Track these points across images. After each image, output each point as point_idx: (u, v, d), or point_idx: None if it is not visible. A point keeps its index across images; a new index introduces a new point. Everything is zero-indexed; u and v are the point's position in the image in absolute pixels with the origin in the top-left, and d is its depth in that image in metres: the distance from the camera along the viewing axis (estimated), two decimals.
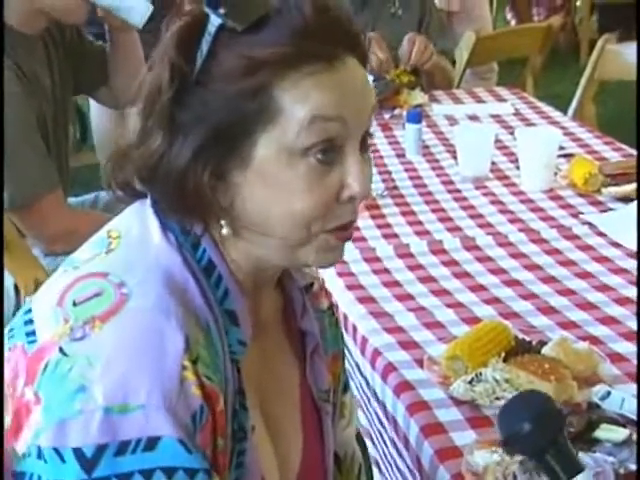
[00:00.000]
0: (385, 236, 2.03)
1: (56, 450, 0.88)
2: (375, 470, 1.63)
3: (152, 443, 0.87)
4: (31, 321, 0.98)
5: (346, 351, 1.65)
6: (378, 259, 1.92)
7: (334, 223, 0.99)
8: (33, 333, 0.96)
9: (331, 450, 1.19)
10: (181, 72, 0.96)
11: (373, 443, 1.68)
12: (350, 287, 1.80)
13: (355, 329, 1.67)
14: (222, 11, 0.95)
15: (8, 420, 0.93)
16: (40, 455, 0.89)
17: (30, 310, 0.99)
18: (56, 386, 0.90)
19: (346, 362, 1.33)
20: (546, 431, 0.97)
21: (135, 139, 0.99)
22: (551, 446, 0.97)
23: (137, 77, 1.00)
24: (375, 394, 1.56)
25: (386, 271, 1.87)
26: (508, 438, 1.00)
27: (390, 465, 1.57)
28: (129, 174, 1.01)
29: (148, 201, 1.02)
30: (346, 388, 1.27)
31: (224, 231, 0.99)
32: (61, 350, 0.92)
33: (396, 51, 3.01)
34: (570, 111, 3.24)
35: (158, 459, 0.87)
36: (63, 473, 0.87)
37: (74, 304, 0.95)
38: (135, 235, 1.01)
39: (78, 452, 0.87)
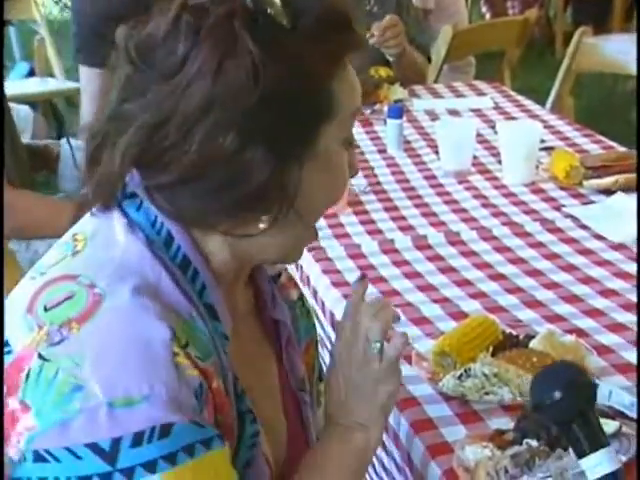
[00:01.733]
0: (369, 232, 2.03)
1: (67, 449, 0.88)
2: None
3: (166, 430, 0.89)
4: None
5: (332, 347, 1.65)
6: (363, 255, 1.92)
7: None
8: (6, 344, 0.95)
9: (313, 439, 1.20)
10: (263, 70, 0.95)
11: None
12: (336, 284, 1.79)
13: (332, 316, 1.67)
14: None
15: None
16: (39, 458, 0.89)
17: None
18: (45, 391, 0.90)
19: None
20: (576, 400, 0.99)
21: (194, 138, 0.95)
22: (579, 416, 0.98)
23: None
24: None
25: (371, 267, 1.87)
26: (538, 405, 1.01)
27: (380, 459, 1.57)
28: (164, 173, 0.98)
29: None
30: (321, 377, 1.28)
31: (261, 225, 1.00)
32: (40, 356, 0.92)
33: (371, 50, 2.99)
34: (548, 104, 3.26)
35: (176, 443, 0.89)
36: (83, 468, 0.88)
37: (45, 309, 0.95)
38: (101, 235, 1.01)
39: (94, 447, 0.88)
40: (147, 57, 0.97)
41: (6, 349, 0.95)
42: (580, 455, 0.98)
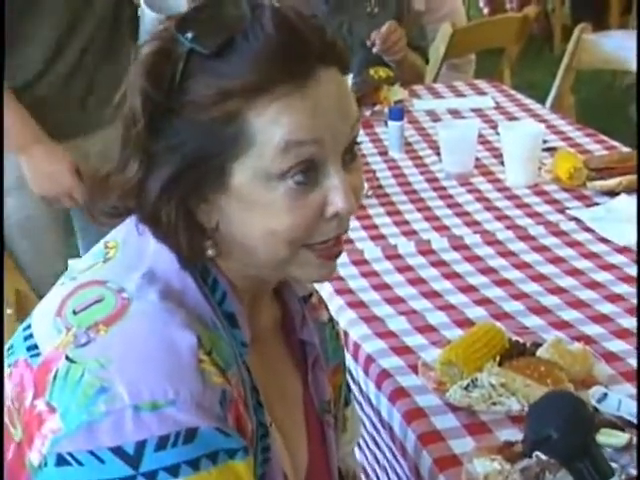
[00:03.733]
0: (372, 238, 2.01)
1: (91, 452, 0.87)
2: (362, 476, 1.62)
3: (191, 435, 0.88)
4: (31, 335, 0.98)
5: None
6: (366, 262, 1.90)
7: (318, 239, 0.98)
8: (35, 347, 0.96)
9: (335, 462, 1.18)
10: (152, 100, 0.94)
11: (360, 448, 1.67)
12: (339, 292, 1.78)
13: (346, 335, 1.65)
14: (190, 35, 0.94)
15: (19, 433, 0.93)
16: (62, 462, 0.88)
17: (29, 326, 1.00)
18: (71, 392, 0.90)
19: None
20: (574, 438, 0.95)
21: (115, 167, 0.98)
22: (579, 453, 0.95)
23: None
24: (369, 400, 1.55)
25: (375, 274, 1.85)
26: (535, 444, 0.98)
27: (385, 470, 1.56)
28: (112, 201, 1.01)
29: None
30: (347, 402, 1.27)
31: (210, 252, 0.99)
32: (67, 358, 0.92)
33: (371, 50, 2.98)
34: (549, 102, 3.24)
35: (200, 448, 0.88)
36: (107, 472, 0.87)
37: (74, 313, 0.96)
38: (132, 244, 1.01)
39: (118, 450, 0.87)
40: None
41: (34, 352, 0.96)
42: None
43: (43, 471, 0.90)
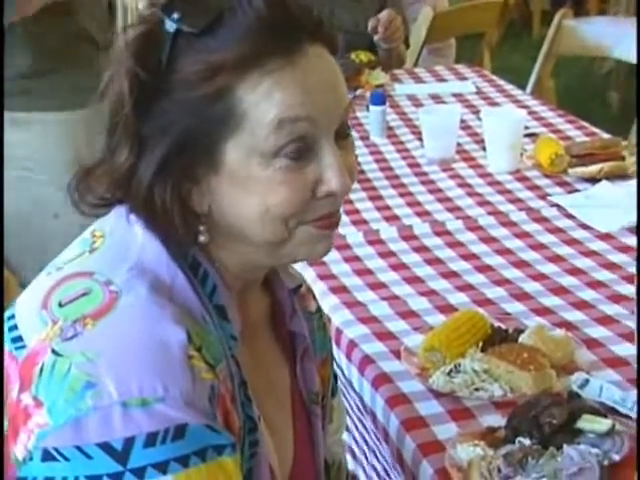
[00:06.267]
0: (354, 222, 2.01)
1: (78, 448, 0.86)
2: (348, 457, 1.62)
3: (180, 432, 0.87)
4: (15, 327, 0.96)
5: None
6: (348, 246, 1.90)
7: (311, 216, 0.98)
8: (20, 339, 0.94)
9: (321, 454, 1.18)
10: (140, 82, 0.93)
11: (348, 430, 1.67)
12: (322, 277, 1.78)
13: (329, 320, 1.64)
14: (176, 16, 0.93)
15: (5, 427, 0.92)
16: (48, 457, 0.87)
17: (13, 316, 0.98)
18: (58, 387, 0.88)
19: None
20: None
21: (101, 156, 0.97)
22: None
23: None
24: (352, 385, 1.55)
25: (357, 259, 1.85)
26: None
27: (373, 452, 1.56)
28: (100, 192, 0.99)
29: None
30: (334, 392, 1.26)
31: (202, 238, 0.97)
32: (54, 351, 0.90)
33: (353, 35, 2.97)
34: (529, 87, 3.25)
35: (189, 445, 0.87)
36: (94, 468, 0.86)
37: (60, 305, 0.94)
38: (119, 234, 0.99)
39: (105, 446, 0.86)
40: None
41: (20, 344, 0.94)
42: None
43: (28, 465, 0.89)
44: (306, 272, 1.79)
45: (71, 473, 0.87)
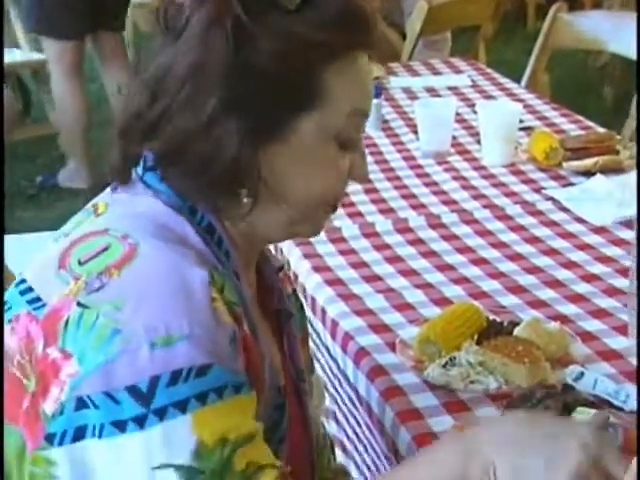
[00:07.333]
0: (350, 215, 2.01)
1: (107, 394, 0.88)
2: (339, 451, 1.63)
3: (204, 370, 0.89)
4: (30, 289, 0.98)
5: (315, 334, 1.64)
6: (344, 239, 1.90)
7: (333, 201, 1.08)
8: (37, 299, 0.96)
9: (313, 430, 1.20)
10: (238, 33, 0.96)
11: (338, 423, 1.68)
12: (317, 269, 1.78)
13: (324, 312, 1.65)
14: None
15: (32, 385, 0.93)
16: (82, 405, 0.89)
17: (24, 280, 1.00)
18: (86, 337, 0.90)
19: (315, 344, 1.33)
20: None
21: (172, 110, 0.98)
22: None
23: None
24: (346, 377, 1.55)
25: (353, 252, 1.85)
26: None
27: (365, 446, 1.57)
28: (145, 147, 1.01)
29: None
30: (312, 370, 1.29)
31: (245, 200, 1.01)
32: (79, 304, 0.92)
33: None
34: (523, 81, 3.25)
35: (210, 382, 0.90)
36: (120, 413, 0.88)
37: (80, 263, 0.96)
38: (122, 201, 1.02)
39: (133, 389, 0.88)
40: (170, 23, 1.00)
41: (37, 304, 0.96)
42: None
43: (57, 420, 0.90)
44: (301, 265, 1.80)
45: (99, 420, 0.88)
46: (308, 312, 1.71)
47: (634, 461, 0.95)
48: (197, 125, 0.97)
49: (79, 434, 0.89)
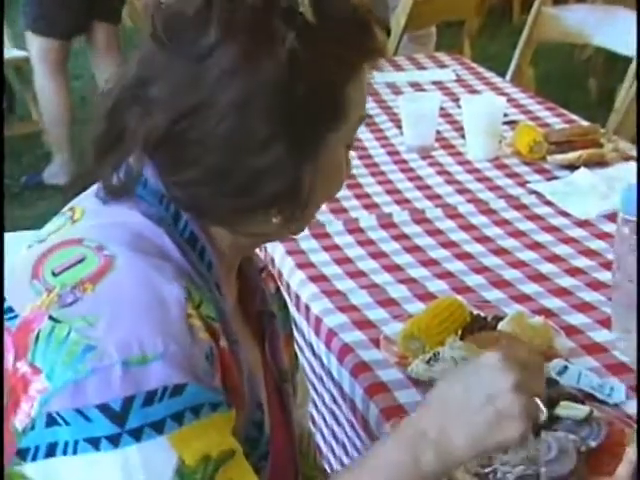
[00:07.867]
0: (333, 211, 2.00)
1: (77, 410, 0.86)
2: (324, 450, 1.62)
3: (179, 389, 0.88)
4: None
5: (298, 331, 1.64)
6: (328, 235, 1.90)
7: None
8: (10, 310, 0.94)
9: (295, 430, 1.19)
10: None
11: (326, 424, 1.67)
12: (301, 266, 1.77)
13: (308, 309, 1.65)
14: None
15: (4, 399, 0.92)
16: (52, 422, 0.87)
17: None
18: (56, 352, 0.88)
19: (298, 342, 1.32)
20: None
21: (222, 134, 0.95)
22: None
23: None
24: (330, 374, 1.54)
25: (337, 247, 1.84)
26: None
27: (344, 446, 1.56)
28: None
29: None
30: (297, 367, 1.28)
31: (274, 219, 1.00)
32: (51, 318, 0.90)
33: None
34: (508, 75, 3.24)
35: (186, 401, 0.88)
36: (92, 430, 0.86)
37: (53, 274, 0.94)
38: (100, 209, 1.00)
39: (104, 407, 0.86)
40: (175, 36, 0.95)
41: (11, 314, 0.94)
42: None
43: (29, 435, 0.88)
44: (285, 261, 1.80)
45: (72, 437, 0.87)
46: (292, 309, 1.71)
47: (630, 450, 0.96)
48: (242, 158, 0.95)
49: (52, 450, 0.88)
